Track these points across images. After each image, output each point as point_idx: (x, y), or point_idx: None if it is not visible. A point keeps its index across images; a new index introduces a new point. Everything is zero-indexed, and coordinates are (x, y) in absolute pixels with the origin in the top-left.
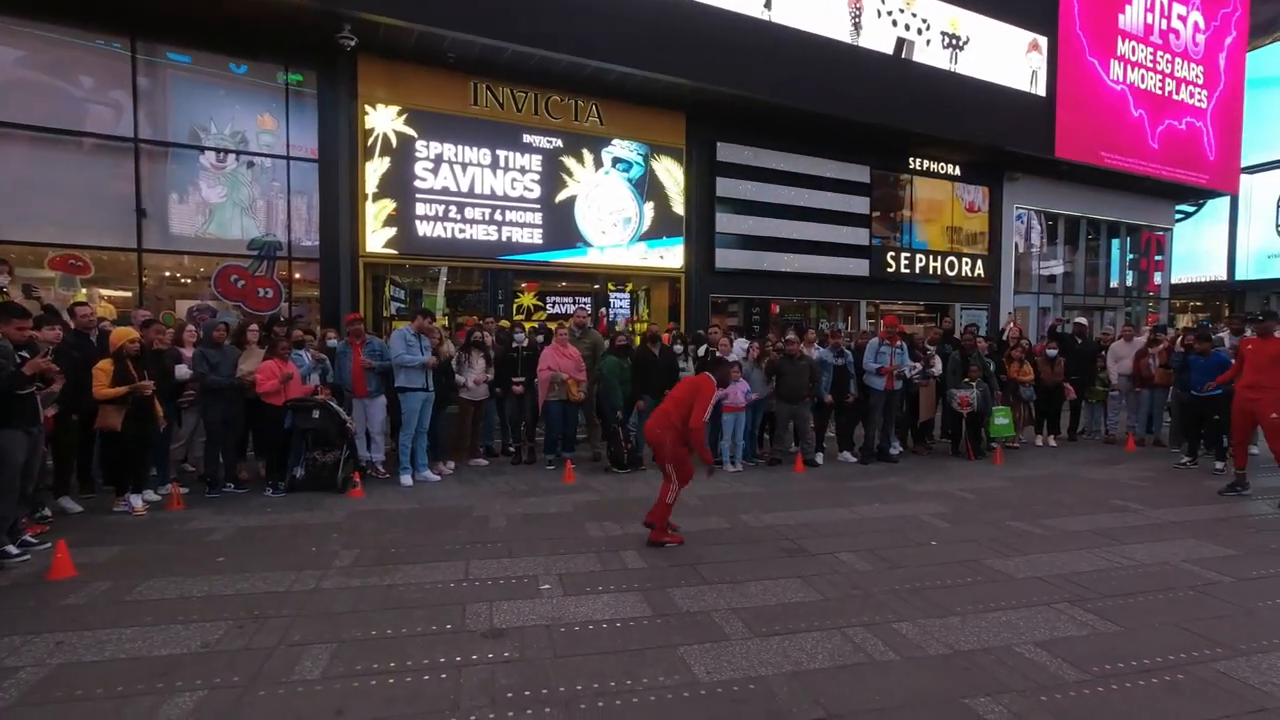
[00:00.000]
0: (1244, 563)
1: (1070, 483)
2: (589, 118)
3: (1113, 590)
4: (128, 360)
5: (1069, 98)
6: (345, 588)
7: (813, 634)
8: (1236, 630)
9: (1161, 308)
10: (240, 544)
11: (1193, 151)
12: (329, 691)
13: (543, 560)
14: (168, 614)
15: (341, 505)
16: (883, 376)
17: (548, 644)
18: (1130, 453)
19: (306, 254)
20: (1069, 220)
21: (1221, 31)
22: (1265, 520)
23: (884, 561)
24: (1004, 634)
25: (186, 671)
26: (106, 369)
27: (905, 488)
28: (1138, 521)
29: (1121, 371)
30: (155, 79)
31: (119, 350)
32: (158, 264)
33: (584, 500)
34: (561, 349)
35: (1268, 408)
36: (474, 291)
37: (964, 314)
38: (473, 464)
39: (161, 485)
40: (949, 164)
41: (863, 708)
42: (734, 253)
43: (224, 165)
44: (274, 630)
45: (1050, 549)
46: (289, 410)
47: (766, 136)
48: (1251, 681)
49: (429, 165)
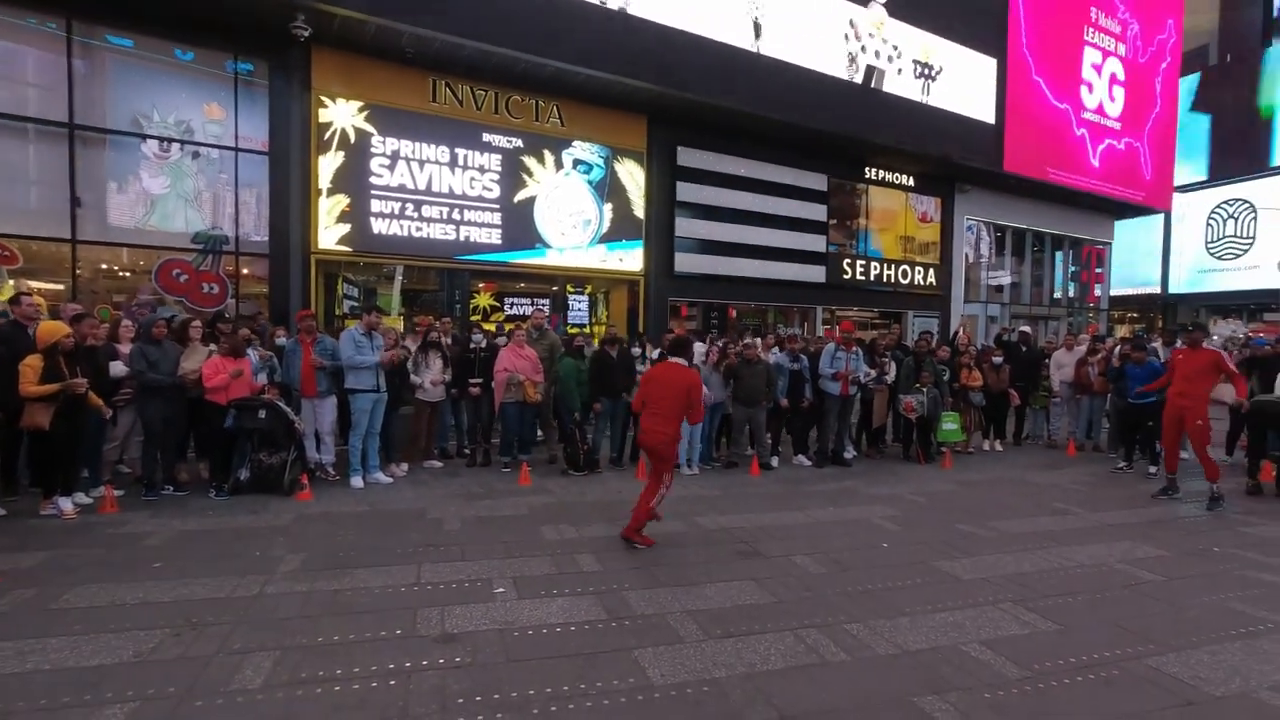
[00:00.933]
0: (1175, 563)
1: (1015, 486)
2: (550, 118)
3: (1053, 590)
4: (60, 357)
5: (1016, 114)
6: (290, 593)
7: (766, 635)
8: (1167, 627)
9: (1101, 318)
10: (179, 548)
11: (1130, 170)
12: (271, 700)
13: (497, 563)
14: (98, 622)
15: (288, 508)
16: (838, 381)
17: (501, 648)
18: (1071, 457)
19: (255, 249)
20: (1016, 232)
21: (1157, 57)
22: (1194, 522)
23: (836, 564)
24: (951, 634)
25: (117, 683)
26: (35, 365)
27: (858, 491)
28: (1077, 524)
29: (1063, 379)
30: (93, 62)
31: (52, 346)
32: (94, 256)
33: (540, 503)
34: (518, 350)
35: (1195, 415)
36: (430, 291)
37: (916, 321)
38: (427, 466)
39: (94, 487)
40: (903, 175)
41: (815, 708)
42: (693, 257)
43: (167, 155)
44: (213, 638)
45: (996, 550)
46: (232, 410)
47: (727, 142)
48: (1181, 676)
49: (385, 162)
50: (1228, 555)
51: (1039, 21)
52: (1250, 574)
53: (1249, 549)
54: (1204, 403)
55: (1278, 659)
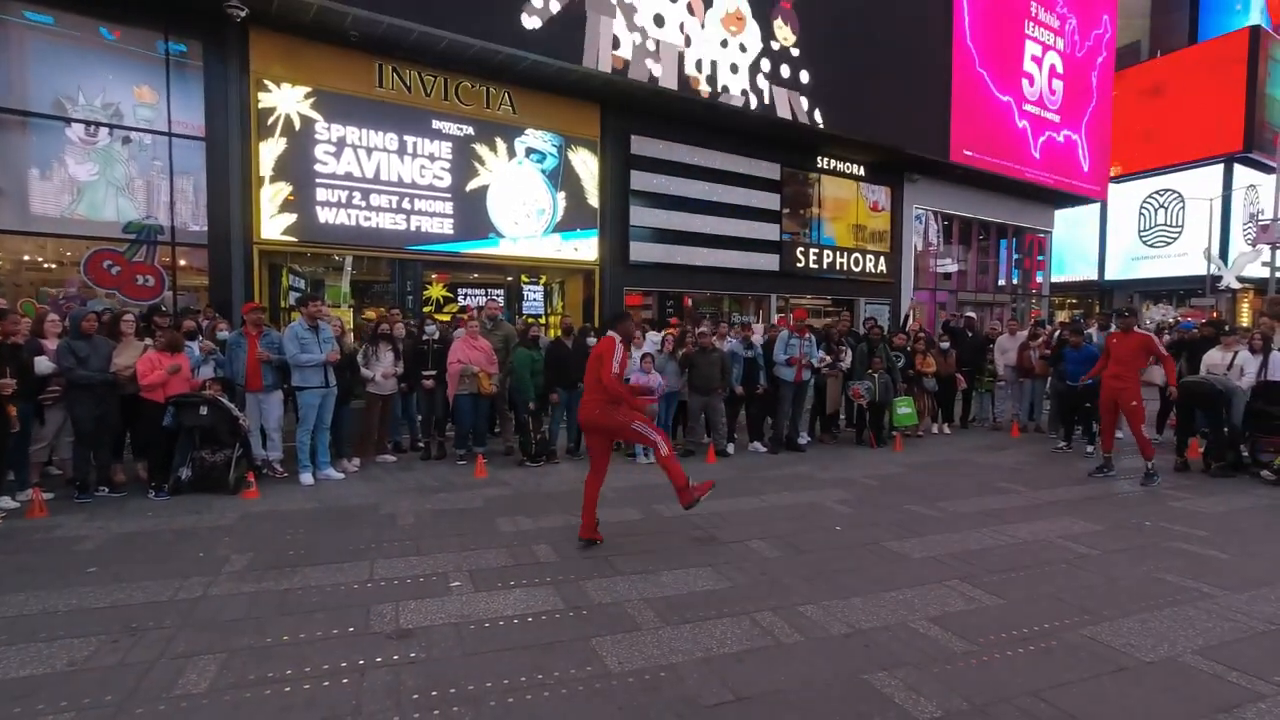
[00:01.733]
0: (1109, 537)
1: (962, 467)
2: (501, 105)
3: (998, 566)
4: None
5: (961, 105)
6: (237, 594)
7: (723, 620)
8: (1102, 598)
9: (1043, 304)
10: (115, 552)
11: (1069, 161)
12: (217, 704)
13: (452, 557)
14: (27, 631)
15: (234, 507)
16: (792, 368)
17: (456, 642)
18: (1015, 438)
19: (193, 239)
20: (962, 221)
21: (1093, 52)
22: (1128, 498)
23: (791, 547)
24: (900, 612)
25: (50, 693)
26: None
27: (812, 476)
28: (1020, 502)
29: (1007, 363)
30: (9, 40)
31: None
32: (14, 247)
33: (495, 495)
34: (472, 341)
35: (1129, 396)
36: (381, 282)
37: (867, 308)
38: (380, 460)
39: (20, 491)
40: (854, 164)
41: (770, 688)
42: (648, 246)
43: (95, 140)
44: (154, 643)
45: (944, 530)
46: (170, 407)
47: (680, 131)
48: (1114, 644)
49: (330, 149)
50: (1157, 529)
51: (982, 14)
52: (1178, 545)
53: (1177, 522)
54: (1137, 383)
55: (1202, 625)
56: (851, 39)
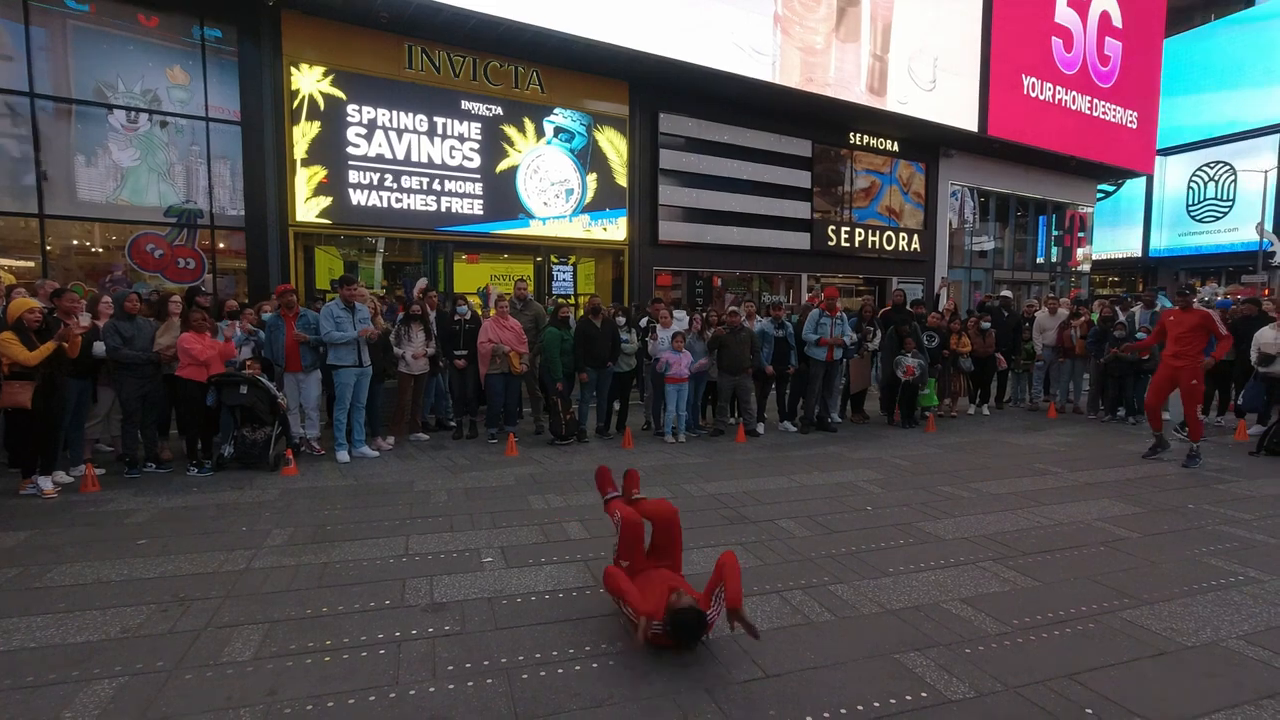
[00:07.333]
0: (1149, 519)
1: (996, 448)
2: (530, 84)
3: (1032, 548)
4: (30, 334)
5: (1001, 79)
6: (278, 567)
7: (752, 598)
8: (1141, 582)
9: (1083, 282)
10: (164, 525)
11: (1113, 133)
12: (260, 672)
13: (484, 534)
14: (83, 600)
15: (274, 483)
16: (823, 347)
17: (489, 616)
18: (1052, 419)
19: (231, 223)
20: (999, 198)
21: (1143, 20)
22: (1168, 479)
23: (822, 527)
24: (933, 592)
25: (105, 658)
26: (13, 339)
27: (842, 456)
28: (1056, 484)
29: (1046, 343)
30: (52, 29)
31: (17, 321)
32: (64, 231)
33: (526, 473)
34: (502, 321)
35: (1189, 375)
36: (413, 264)
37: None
38: (413, 439)
39: (75, 466)
40: (887, 140)
41: (799, 666)
42: (677, 225)
43: (136, 126)
44: (201, 613)
45: (977, 511)
46: (212, 387)
47: (709, 108)
48: (1154, 628)
49: (362, 131)
50: (1200, 512)
51: None
52: (1223, 529)
53: (1221, 505)
54: (1198, 362)
55: (1247, 610)
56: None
